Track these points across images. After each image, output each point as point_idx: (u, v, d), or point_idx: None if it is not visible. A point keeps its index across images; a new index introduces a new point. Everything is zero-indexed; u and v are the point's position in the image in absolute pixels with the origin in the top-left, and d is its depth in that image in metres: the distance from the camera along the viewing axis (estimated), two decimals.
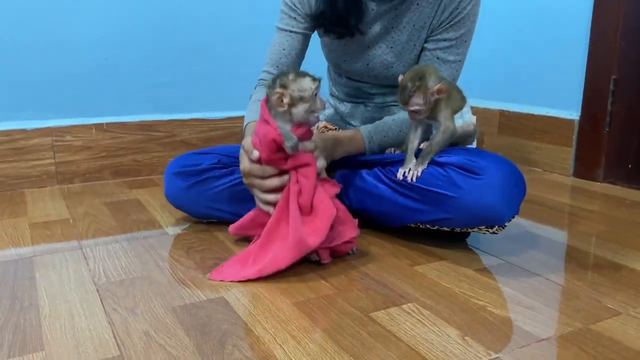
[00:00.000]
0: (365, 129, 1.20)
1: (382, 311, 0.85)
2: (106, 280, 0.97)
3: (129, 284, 0.95)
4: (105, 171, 1.68)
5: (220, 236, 1.18)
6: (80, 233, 1.21)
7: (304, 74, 0.96)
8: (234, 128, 1.84)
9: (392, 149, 1.18)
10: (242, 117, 1.85)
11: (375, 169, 1.15)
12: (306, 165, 0.98)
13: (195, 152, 1.24)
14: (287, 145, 0.96)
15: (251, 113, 1.19)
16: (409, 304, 0.87)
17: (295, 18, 1.21)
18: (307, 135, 1.00)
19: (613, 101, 1.63)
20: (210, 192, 1.19)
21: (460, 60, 1.19)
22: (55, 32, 1.57)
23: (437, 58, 1.18)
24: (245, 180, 1.04)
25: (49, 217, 1.33)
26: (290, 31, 1.22)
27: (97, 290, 0.93)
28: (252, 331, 0.79)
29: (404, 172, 1.05)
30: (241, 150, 1.04)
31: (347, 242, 1.03)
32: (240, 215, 1.20)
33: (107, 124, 1.67)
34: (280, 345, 0.75)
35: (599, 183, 1.67)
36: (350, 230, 1.03)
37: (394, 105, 1.28)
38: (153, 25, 1.69)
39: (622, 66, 1.60)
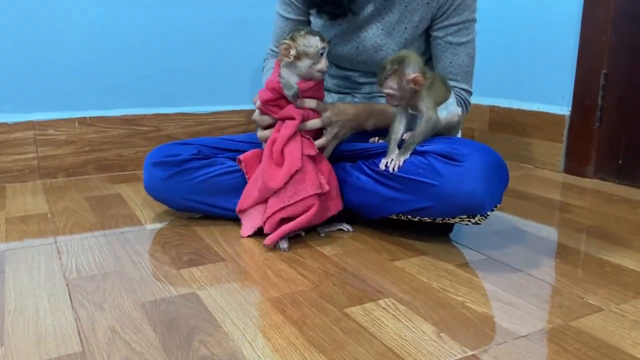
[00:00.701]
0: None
1: (358, 306, 0.83)
2: (77, 275, 0.94)
3: (100, 279, 0.93)
4: (89, 166, 1.66)
5: (200, 231, 1.16)
6: (57, 228, 1.19)
7: (315, 33, 1.05)
8: (220, 122, 1.82)
9: (376, 138, 1.16)
10: (230, 112, 1.85)
11: (359, 162, 1.12)
12: (291, 118, 1.06)
13: (175, 143, 1.22)
14: (288, 93, 1.05)
15: (266, 76, 1.25)
16: (385, 300, 0.85)
17: (290, 4, 1.23)
18: (315, 94, 1.08)
19: (603, 96, 1.60)
20: (190, 182, 1.16)
21: (472, 39, 1.20)
22: (38, 25, 1.54)
23: (450, 43, 1.18)
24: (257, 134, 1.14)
25: (27, 211, 1.30)
26: (287, 18, 1.24)
27: (67, 285, 0.90)
28: (222, 327, 0.77)
29: (386, 163, 1.03)
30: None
31: (304, 208, 1.04)
32: (220, 207, 1.19)
33: (91, 117, 1.64)
34: (249, 342, 0.73)
35: (589, 179, 1.64)
36: (309, 188, 1.03)
37: (382, 97, 1.26)
38: (138, 18, 1.66)
39: (612, 60, 1.57)
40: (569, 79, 1.69)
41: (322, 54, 1.04)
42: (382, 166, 1.04)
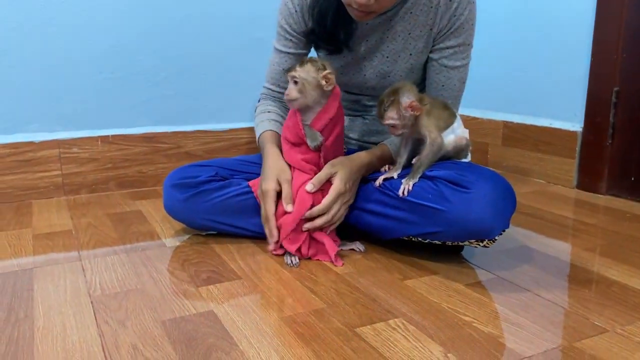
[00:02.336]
0: (391, 144, 1.20)
1: (368, 326, 0.86)
2: (101, 293, 0.99)
3: (123, 296, 0.97)
4: (110, 182, 1.71)
5: (217, 248, 1.20)
6: (81, 244, 1.24)
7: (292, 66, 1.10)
8: (238, 140, 1.86)
9: (387, 167, 1.19)
10: (246, 129, 1.89)
11: (370, 184, 1.16)
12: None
13: (193, 165, 1.26)
14: (311, 145, 1.09)
15: (262, 124, 1.25)
16: (395, 320, 0.88)
17: (291, 40, 1.24)
18: (329, 133, 1.11)
19: (615, 113, 1.62)
20: (208, 204, 1.20)
21: (466, 64, 1.21)
22: (62, 46, 1.61)
23: (445, 66, 1.19)
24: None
25: (52, 228, 1.36)
26: (287, 52, 1.25)
27: (92, 303, 0.95)
28: (237, 345, 0.80)
29: (383, 178, 1.11)
30: (260, 192, 1.13)
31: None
32: (237, 227, 1.23)
33: (112, 136, 1.70)
34: None
35: (602, 195, 1.65)
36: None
37: None
38: (158, 38, 1.72)
39: (624, 78, 1.59)
40: (580, 96, 1.70)
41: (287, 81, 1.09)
42: (379, 181, 1.11)
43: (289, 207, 1.08)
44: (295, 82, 1.06)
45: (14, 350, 0.80)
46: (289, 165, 1.12)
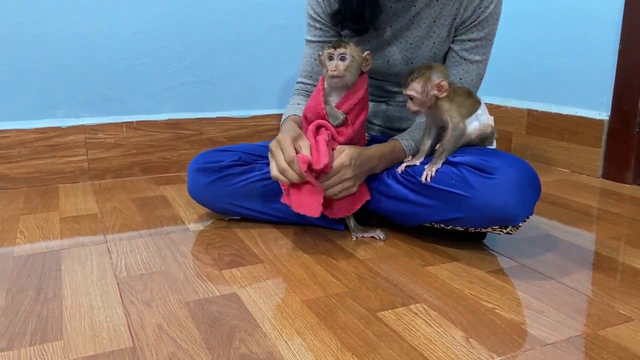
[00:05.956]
0: (403, 140, 1.18)
1: (389, 311, 0.86)
2: (127, 274, 1.01)
3: (148, 278, 0.99)
4: (135, 168, 1.74)
5: (240, 233, 1.21)
6: (107, 228, 1.26)
7: (330, 45, 1.07)
8: (260, 126, 1.87)
9: (409, 157, 1.18)
10: (268, 116, 1.90)
11: (393, 169, 1.15)
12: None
13: (216, 149, 1.27)
14: (334, 123, 1.08)
15: (288, 112, 1.25)
16: (416, 305, 0.88)
17: (320, 28, 1.24)
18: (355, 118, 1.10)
19: None
20: (231, 188, 1.22)
21: (486, 59, 1.20)
22: (87, 33, 1.63)
23: (464, 59, 1.18)
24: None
25: (79, 211, 1.38)
26: (318, 42, 1.25)
27: (117, 284, 0.97)
28: (260, 327, 0.81)
29: (405, 166, 1.11)
30: (274, 143, 1.05)
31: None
32: (259, 211, 1.24)
33: (137, 122, 1.72)
34: (286, 342, 0.77)
35: (628, 185, 1.63)
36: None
37: None
38: (182, 25, 1.73)
39: None
40: (608, 84, 1.67)
41: (330, 58, 1.05)
42: (400, 168, 1.10)
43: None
44: (343, 59, 1.05)
45: (43, 327, 0.82)
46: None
